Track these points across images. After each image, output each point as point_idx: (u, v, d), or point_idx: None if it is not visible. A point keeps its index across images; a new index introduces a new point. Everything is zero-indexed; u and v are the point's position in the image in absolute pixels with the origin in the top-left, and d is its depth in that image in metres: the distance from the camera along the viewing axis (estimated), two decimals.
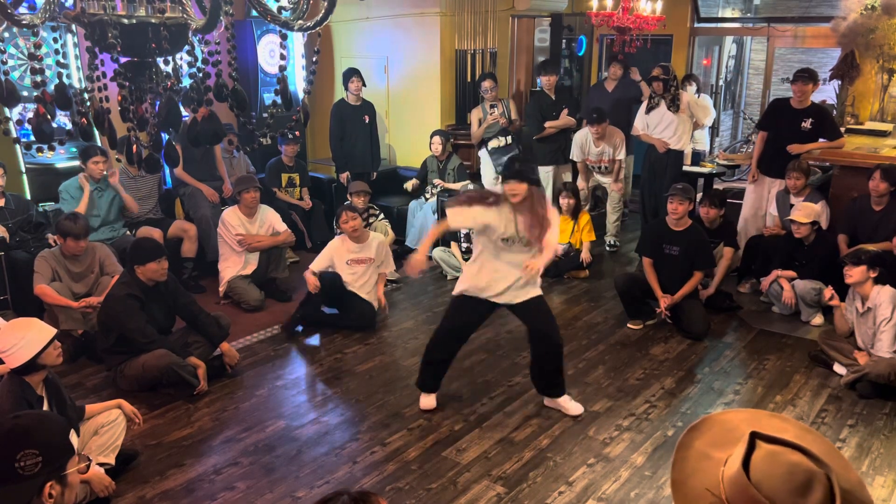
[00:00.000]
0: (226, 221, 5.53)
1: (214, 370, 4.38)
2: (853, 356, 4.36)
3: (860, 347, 4.39)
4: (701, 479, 1.21)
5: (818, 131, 5.76)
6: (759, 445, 1.15)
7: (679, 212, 5.05)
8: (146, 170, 1.80)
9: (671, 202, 5.07)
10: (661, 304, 5.03)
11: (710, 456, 1.23)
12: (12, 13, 1.51)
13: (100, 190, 5.48)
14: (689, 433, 1.29)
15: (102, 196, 5.50)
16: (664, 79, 6.32)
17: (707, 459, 1.23)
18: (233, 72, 1.77)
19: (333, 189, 7.18)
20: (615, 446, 3.71)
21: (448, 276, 6.20)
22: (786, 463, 1.12)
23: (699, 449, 1.25)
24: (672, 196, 5.08)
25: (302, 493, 3.33)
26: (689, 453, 1.26)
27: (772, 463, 1.12)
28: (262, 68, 7.12)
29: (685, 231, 5.10)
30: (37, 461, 1.83)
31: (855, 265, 4.27)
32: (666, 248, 5.12)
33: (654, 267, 5.17)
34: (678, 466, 1.26)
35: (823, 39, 8.01)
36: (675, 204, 5.05)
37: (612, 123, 6.67)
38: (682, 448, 1.27)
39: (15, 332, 3.01)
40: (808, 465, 1.11)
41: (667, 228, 5.15)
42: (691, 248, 5.06)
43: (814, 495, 1.09)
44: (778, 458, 1.13)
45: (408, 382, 4.39)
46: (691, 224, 5.14)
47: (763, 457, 1.13)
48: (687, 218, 5.11)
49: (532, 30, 8.49)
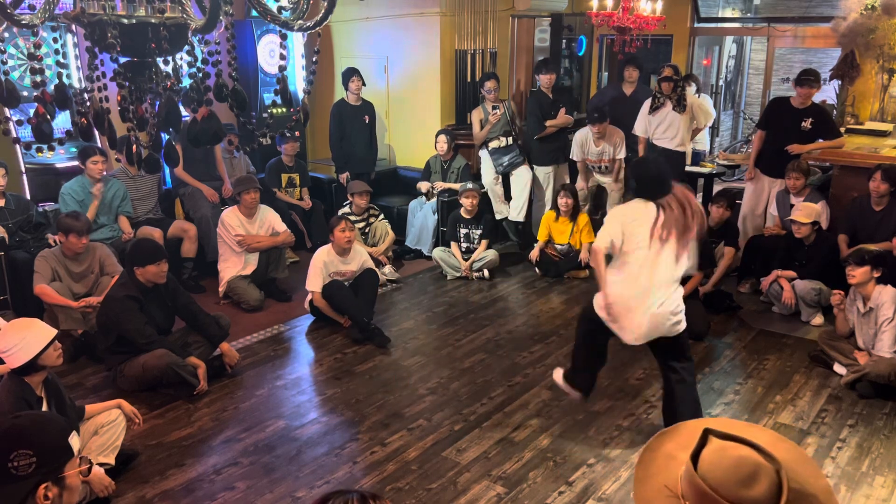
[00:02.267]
0: (225, 222, 5.53)
1: (214, 370, 4.38)
2: (853, 356, 4.36)
3: (860, 348, 4.39)
4: (663, 478, 1.24)
5: (818, 131, 5.75)
6: (711, 440, 1.18)
7: None
8: (146, 170, 1.80)
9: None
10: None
11: (674, 457, 1.26)
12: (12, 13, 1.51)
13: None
14: (660, 436, 1.33)
15: (103, 196, 5.48)
16: (675, 79, 6.31)
17: (672, 460, 1.26)
18: (233, 72, 1.77)
19: (333, 189, 7.17)
20: (615, 446, 3.71)
21: (448, 276, 6.20)
22: (733, 456, 1.14)
23: (667, 450, 1.29)
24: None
25: (302, 493, 3.33)
26: (657, 454, 1.29)
27: (719, 455, 1.15)
28: (262, 68, 7.11)
29: None
30: (30, 462, 1.82)
31: (858, 265, 4.27)
32: None
33: None
34: (643, 465, 1.29)
35: (823, 39, 8.00)
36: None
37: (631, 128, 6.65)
38: (650, 450, 1.31)
39: (15, 332, 3.01)
40: (755, 459, 1.14)
41: None
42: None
43: (758, 487, 1.11)
44: (726, 451, 1.15)
45: (408, 382, 4.39)
46: None
47: (712, 450, 1.16)
48: None
49: (532, 30, 8.48)
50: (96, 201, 5.41)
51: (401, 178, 7.44)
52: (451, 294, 5.92)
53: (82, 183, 5.42)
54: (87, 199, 5.39)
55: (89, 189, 5.41)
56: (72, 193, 5.37)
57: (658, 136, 6.43)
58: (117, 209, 5.58)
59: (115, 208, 5.58)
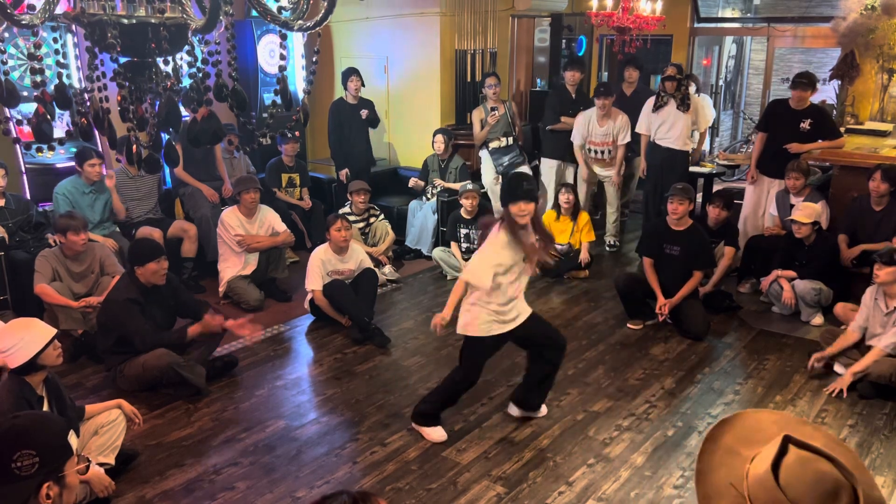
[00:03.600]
0: (224, 222, 5.53)
1: (215, 370, 4.38)
2: (854, 356, 4.35)
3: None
4: (726, 474, 1.22)
5: (817, 132, 5.75)
6: (791, 450, 1.16)
7: (679, 212, 5.05)
8: (146, 170, 1.80)
9: (671, 202, 5.07)
10: (659, 307, 5.03)
11: (737, 452, 1.24)
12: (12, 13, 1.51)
13: (95, 193, 5.44)
14: (719, 426, 1.30)
15: (97, 200, 5.46)
16: (679, 78, 6.30)
17: (734, 455, 1.24)
18: (233, 72, 1.77)
19: (333, 189, 7.18)
20: (615, 446, 3.71)
21: (448, 276, 6.20)
22: (815, 470, 1.13)
23: (727, 444, 1.27)
24: (672, 196, 5.08)
25: (302, 493, 3.33)
26: (717, 446, 1.27)
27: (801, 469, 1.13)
28: (262, 68, 7.12)
29: (686, 231, 5.10)
30: (34, 462, 1.83)
31: (887, 265, 4.20)
32: (667, 247, 5.12)
33: (654, 267, 5.17)
34: (704, 457, 1.28)
35: (823, 39, 8.01)
36: (676, 204, 5.05)
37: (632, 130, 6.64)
38: (711, 440, 1.29)
39: (15, 332, 3.01)
40: (836, 476, 1.12)
41: (667, 228, 5.15)
42: (692, 248, 5.06)
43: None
44: (808, 464, 1.14)
45: (408, 382, 4.39)
46: (692, 224, 5.14)
47: (793, 461, 1.14)
48: (687, 218, 5.11)
49: (532, 30, 8.49)
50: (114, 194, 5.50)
51: (401, 178, 7.44)
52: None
53: (76, 184, 5.38)
54: (79, 200, 5.35)
55: (83, 190, 5.39)
56: (65, 193, 5.33)
57: (661, 136, 6.43)
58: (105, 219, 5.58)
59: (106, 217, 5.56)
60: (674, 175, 6.41)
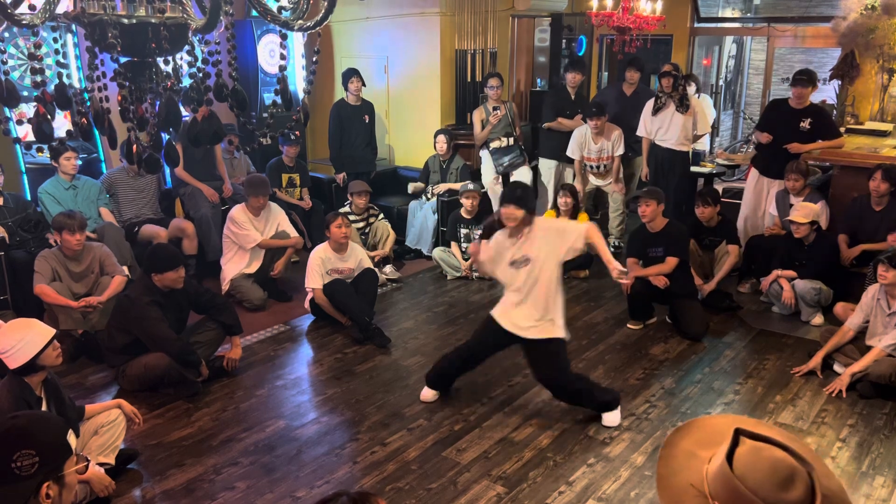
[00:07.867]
0: (234, 218, 5.53)
1: (215, 370, 4.38)
2: (854, 355, 4.35)
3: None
4: (686, 476, 1.24)
5: (817, 131, 5.75)
6: (743, 441, 1.18)
7: (647, 214, 5.06)
8: (146, 170, 1.80)
9: (639, 206, 5.10)
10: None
11: (695, 454, 1.26)
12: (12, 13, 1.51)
13: (74, 188, 5.42)
14: (677, 433, 1.33)
15: (78, 194, 5.43)
16: (675, 74, 6.30)
17: (693, 457, 1.26)
18: (233, 72, 1.77)
19: (333, 189, 7.17)
20: (615, 446, 3.71)
21: (448, 276, 6.20)
22: (769, 458, 1.14)
23: (685, 447, 1.29)
24: (639, 199, 5.11)
25: (302, 493, 3.33)
26: (676, 451, 1.29)
27: (755, 457, 1.15)
28: (262, 68, 7.11)
29: (663, 231, 5.11)
30: (34, 461, 1.83)
31: (894, 267, 4.21)
32: (650, 251, 5.15)
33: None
34: (664, 463, 1.29)
35: (823, 39, 8.01)
36: (643, 207, 5.07)
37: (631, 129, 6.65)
38: (669, 446, 1.31)
39: (14, 332, 3.01)
40: (790, 462, 1.14)
41: (647, 233, 5.16)
42: (671, 244, 5.07)
43: (795, 490, 1.11)
44: (761, 453, 1.15)
45: (407, 382, 4.39)
46: (668, 222, 5.13)
47: (746, 451, 1.16)
48: (661, 217, 5.11)
49: (532, 30, 8.49)
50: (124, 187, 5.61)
51: (401, 178, 7.44)
52: (451, 294, 5.92)
53: (55, 183, 5.36)
54: (63, 198, 5.33)
55: (64, 187, 5.37)
56: (50, 192, 5.32)
57: (661, 137, 6.43)
58: (97, 203, 5.55)
59: (95, 202, 5.54)
60: (674, 176, 6.41)
